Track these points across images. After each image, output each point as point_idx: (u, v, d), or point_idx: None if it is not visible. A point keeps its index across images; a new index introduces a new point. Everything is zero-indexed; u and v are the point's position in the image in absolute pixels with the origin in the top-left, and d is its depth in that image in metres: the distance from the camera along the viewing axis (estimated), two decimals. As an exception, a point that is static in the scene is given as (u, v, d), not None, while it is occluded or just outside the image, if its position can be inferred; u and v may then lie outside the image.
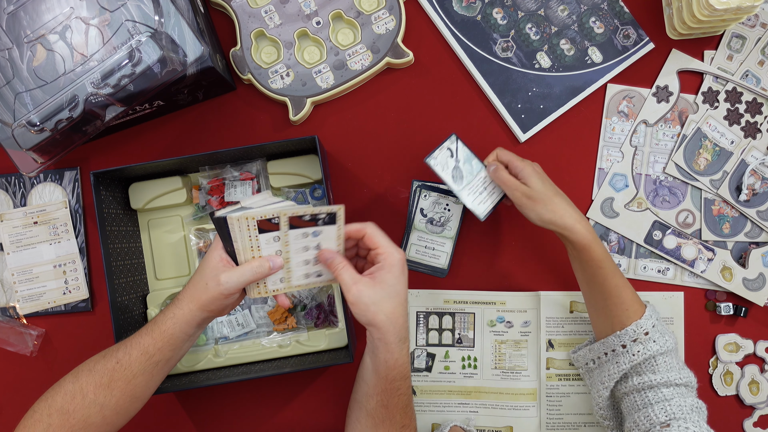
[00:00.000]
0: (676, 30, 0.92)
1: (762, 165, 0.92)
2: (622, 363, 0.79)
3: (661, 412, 0.74)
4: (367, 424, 0.71)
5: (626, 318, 0.79)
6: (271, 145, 0.85)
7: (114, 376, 0.68)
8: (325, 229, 0.70)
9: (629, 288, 0.80)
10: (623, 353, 0.79)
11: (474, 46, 0.93)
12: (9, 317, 0.93)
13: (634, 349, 0.78)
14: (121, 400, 0.69)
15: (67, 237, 0.93)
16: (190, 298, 0.70)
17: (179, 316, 0.69)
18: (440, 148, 0.85)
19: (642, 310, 0.79)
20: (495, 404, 0.91)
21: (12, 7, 0.76)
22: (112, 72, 0.75)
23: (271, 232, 0.68)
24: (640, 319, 0.78)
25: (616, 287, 0.79)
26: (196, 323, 0.70)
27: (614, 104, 0.94)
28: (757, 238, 0.92)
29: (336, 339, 0.90)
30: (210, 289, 0.68)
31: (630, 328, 0.78)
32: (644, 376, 0.77)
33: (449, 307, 0.93)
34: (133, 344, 0.70)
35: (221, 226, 0.68)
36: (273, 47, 0.93)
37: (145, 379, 0.70)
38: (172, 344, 0.70)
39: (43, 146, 0.77)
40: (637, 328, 0.78)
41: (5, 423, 0.93)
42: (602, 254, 0.79)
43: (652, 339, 0.77)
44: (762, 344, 0.92)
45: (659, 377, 0.76)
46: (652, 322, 0.78)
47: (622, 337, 0.78)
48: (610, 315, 0.80)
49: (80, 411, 0.68)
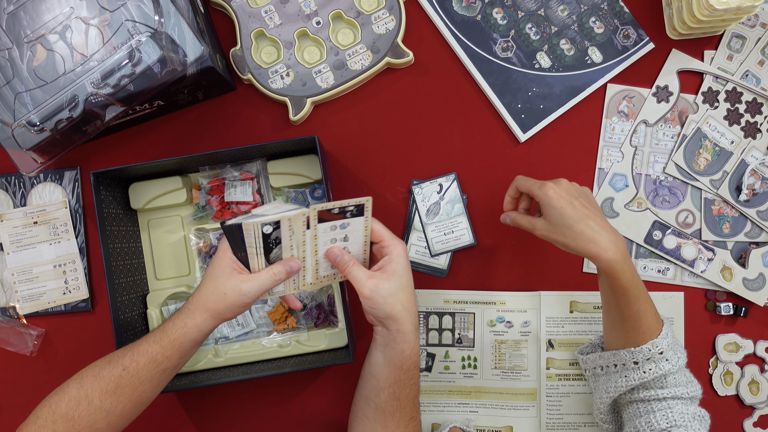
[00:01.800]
0: (676, 30, 0.92)
1: (762, 165, 0.92)
2: (631, 378, 0.76)
3: (662, 419, 0.73)
4: (376, 419, 0.72)
5: (641, 338, 0.75)
6: (271, 145, 0.85)
7: (120, 383, 0.68)
8: (353, 222, 0.71)
9: (651, 312, 0.76)
10: (634, 369, 0.76)
11: (474, 46, 0.93)
12: (9, 317, 0.93)
13: (646, 367, 0.75)
14: (127, 406, 0.69)
15: (67, 237, 0.93)
16: (203, 308, 0.69)
17: (191, 325, 0.69)
18: (432, 181, 0.89)
19: (659, 328, 0.76)
20: (495, 404, 0.92)
21: (12, 7, 0.76)
22: (112, 72, 0.75)
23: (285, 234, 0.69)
24: (656, 338, 0.75)
25: (637, 313, 0.75)
26: (207, 331, 0.70)
27: (614, 104, 0.94)
28: (757, 238, 0.92)
29: (336, 339, 0.90)
30: (229, 299, 0.68)
31: (645, 347, 0.74)
32: (651, 390, 0.76)
33: (449, 307, 0.93)
34: (141, 352, 0.69)
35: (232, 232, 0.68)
36: (273, 47, 0.93)
37: (151, 386, 0.70)
38: (181, 352, 0.70)
39: (43, 146, 0.77)
40: (653, 348, 0.74)
41: (5, 423, 0.93)
42: (629, 281, 0.73)
43: (665, 358, 0.75)
44: (762, 344, 0.92)
45: (666, 392, 0.75)
46: (667, 341, 0.75)
47: (636, 354, 0.75)
48: (625, 334, 0.77)
49: (86, 417, 0.67)
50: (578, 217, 0.73)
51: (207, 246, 0.91)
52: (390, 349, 0.70)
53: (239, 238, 0.68)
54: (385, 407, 0.71)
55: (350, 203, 0.69)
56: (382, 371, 0.71)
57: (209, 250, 0.91)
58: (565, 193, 0.75)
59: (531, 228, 0.79)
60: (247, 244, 0.68)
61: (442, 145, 0.94)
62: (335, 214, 0.70)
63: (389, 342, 0.70)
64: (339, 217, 0.70)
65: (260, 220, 0.67)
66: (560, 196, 0.75)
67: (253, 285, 0.68)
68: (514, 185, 0.82)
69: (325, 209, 0.69)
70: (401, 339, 0.70)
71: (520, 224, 0.81)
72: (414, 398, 0.73)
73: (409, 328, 0.70)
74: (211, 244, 0.91)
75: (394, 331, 0.70)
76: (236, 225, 0.67)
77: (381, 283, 0.68)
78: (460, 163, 0.93)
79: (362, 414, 0.74)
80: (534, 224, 0.78)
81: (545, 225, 0.76)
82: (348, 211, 0.70)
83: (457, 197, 0.91)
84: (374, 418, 0.72)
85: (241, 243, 0.68)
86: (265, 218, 0.67)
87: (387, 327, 0.70)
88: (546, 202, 0.75)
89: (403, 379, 0.71)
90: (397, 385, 0.71)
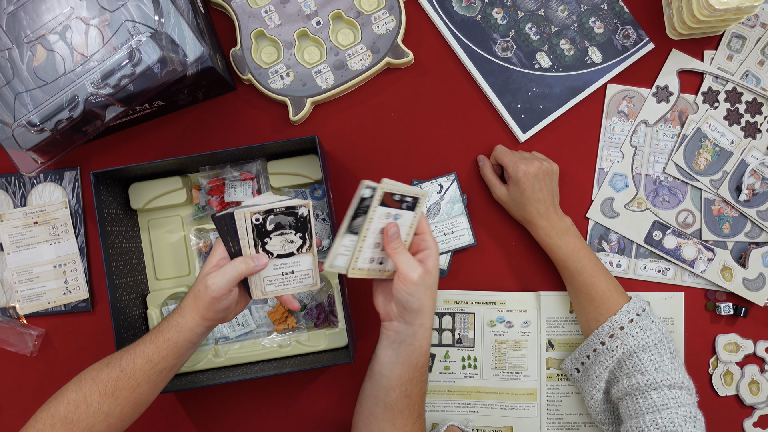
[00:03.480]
0: (676, 30, 0.92)
1: (762, 165, 0.92)
2: (604, 361, 0.79)
3: (652, 425, 0.73)
4: (384, 417, 0.72)
5: (601, 315, 0.80)
6: (271, 145, 0.85)
7: (118, 385, 0.68)
8: (404, 214, 0.71)
9: (602, 286, 0.81)
10: (603, 351, 0.79)
11: (474, 46, 0.93)
12: (9, 317, 0.93)
13: (612, 344, 0.78)
14: (125, 408, 0.69)
15: (67, 237, 0.93)
16: (191, 308, 0.70)
17: (182, 324, 0.69)
18: (432, 181, 0.90)
19: (620, 304, 0.80)
20: (495, 404, 0.92)
21: (12, 7, 0.76)
22: (112, 72, 0.75)
23: None
24: (615, 314, 0.79)
25: (584, 285, 0.82)
26: (200, 332, 0.70)
27: (614, 104, 0.94)
28: (757, 238, 0.92)
29: (336, 339, 0.90)
30: (204, 296, 0.68)
31: (606, 324, 0.79)
32: (633, 377, 0.77)
33: (449, 307, 0.93)
34: (137, 353, 0.69)
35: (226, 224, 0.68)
36: (273, 47, 0.93)
37: (149, 387, 0.70)
38: (176, 353, 0.70)
39: (43, 146, 0.77)
40: (612, 324, 0.79)
41: (5, 423, 0.93)
42: (565, 254, 0.84)
43: (629, 334, 0.78)
44: (762, 344, 0.92)
45: (647, 378, 0.76)
46: (629, 316, 0.79)
47: (600, 334, 0.80)
48: (585, 313, 0.83)
49: (85, 420, 0.67)
50: (532, 199, 0.85)
51: (207, 246, 0.91)
52: (406, 346, 0.71)
53: (232, 229, 0.67)
54: (395, 405, 0.72)
55: (409, 193, 0.69)
56: (394, 369, 0.71)
57: (209, 250, 0.91)
58: (533, 176, 0.85)
59: (492, 188, 0.90)
60: (239, 235, 0.67)
61: (442, 145, 0.94)
62: (396, 201, 0.69)
63: (406, 338, 0.71)
64: (396, 205, 0.69)
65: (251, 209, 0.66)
66: (527, 178, 0.85)
67: (217, 278, 0.67)
68: (493, 154, 0.90)
69: (390, 192, 0.68)
70: (422, 335, 0.71)
71: (487, 178, 0.90)
72: (423, 396, 0.74)
73: (430, 324, 0.71)
74: (211, 244, 0.91)
75: (417, 326, 0.70)
76: (228, 215, 0.67)
77: (424, 275, 0.69)
78: (460, 163, 0.93)
79: (369, 413, 0.74)
80: (496, 188, 0.89)
81: (505, 194, 0.88)
82: (405, 202, 0.70)
83: (457, 197, 0.91)
84: (382, 417, 0.72)
85: (234, 234, 0.67)
86: (255, 207, 0.67)
87: (410, 321, 0.70)
88: (515, 179, 0.85)
89: (416, 377, 0.72)
90: (410, 383, 0.71)
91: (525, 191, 0.85)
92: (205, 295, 0.68)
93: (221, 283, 0.67)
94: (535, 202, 0.85)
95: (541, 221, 0.86)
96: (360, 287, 0.92)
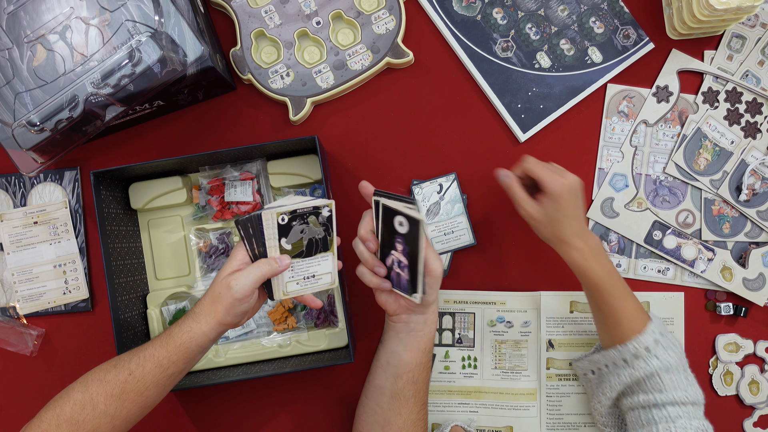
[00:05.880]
0: (676, 30, 0.92)
1: (762, 165, 0.92)
2: (623, 376, 0.77)
3: None
4: (390, 407, 0.73)
5: (625, 335, 0.77)
6: (271, 145, 0.85)
7: (126, 388, 0.68)
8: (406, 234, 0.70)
9: (630, 309, 0.78)
10: (624, 366, 0.77)
11: (474, 46, 0.93)
12: (9, 317, 0.93)
13: (635, 364, 0.76)
14: (132, 410, 0.69)
15: (67, 237, 0.93)
16: (208, 312, 0.69)
17: (196, 329, 0.69)
18: (432, 181, 0.90)
19: (644, 324, 0.77)
20: (495, 404, 0.91)
21: (12, 7, 0.76)
22: (112, 72, 0.75)
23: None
24: (641, 334, 0.76)
25: (614, 308, 0.77)
26: (212, 337, 0.70)
27: (614, 104, 0.94)
28: (757, 238, 0.92)
29: (336, 339, 0.90)
30: (224, 299, 0.68)
31: (631, 344, 0.76)
32: (650, 394, 0.76)
33: (449, 307, 0.93)
34: (147, 356, 0.69)
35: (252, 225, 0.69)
36: (273, 47, 0.93)
37: (157, 391, 0.70)
38: (187, 357, 0.70)
39: (43, 146, 0.77)
40: (638, 345, 0.76)
41: (5, 423, 0.93)
42: (599, 277, 0.77)
43: (654, 355, 0.75)
44: (762, 344, 0.92)
45: (665, 396, 0.75)
46: (654, 337, 0.76)
47: (623, 352, 0.77)
48: (608, 330, 0.79)
49: (90, 421, 0.67)
50: (569, 216, 0.78)
51: (207, 246, 0.91)
52: (416, 333, 0.74)
53: (258, 231, 0.68)
54: (402, 393, 0.74)
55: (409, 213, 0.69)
56: (402, 356, 0.74)
57: (209, 250, 0.91)
58: (573, 190, 0.79)
59: (519, 203, 0.80)
60: (266, 236, 0.68)
61: (442, 145, 0.94)
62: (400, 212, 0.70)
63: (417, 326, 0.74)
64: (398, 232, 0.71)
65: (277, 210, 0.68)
66: (568, 193, 0.78)
67: (240, 279, 0.68)
68: (522, 166, 0.81)
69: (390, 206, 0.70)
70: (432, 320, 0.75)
71: (515, 193, 0.81)
72: (427, 383, 0.76)
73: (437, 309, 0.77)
74: (211, 244, 0.91)
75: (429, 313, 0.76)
76: (255, 216, 0.68)
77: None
78: (460, 163, 0.93)
79: (374, 403, 0.75)
80: (526, 204, 0.80)
81: (538, 211, 0.79)
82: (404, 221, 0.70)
83: (457, 197, 0.91)
84: (388, 407, 0.73)
85: (260, 236, 0.68)
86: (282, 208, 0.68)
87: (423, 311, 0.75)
88: (553, 194, 0.77)
89: (423, 362, 0.74)
90: (417, 369, 0.74)
91: (563, 207, 0.78)
92: (227, 296, 0.68)
93: (244, 285, 0.67)
94: (571, 220, 0.78)
95: (578, 242, 0.78)
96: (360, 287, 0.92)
